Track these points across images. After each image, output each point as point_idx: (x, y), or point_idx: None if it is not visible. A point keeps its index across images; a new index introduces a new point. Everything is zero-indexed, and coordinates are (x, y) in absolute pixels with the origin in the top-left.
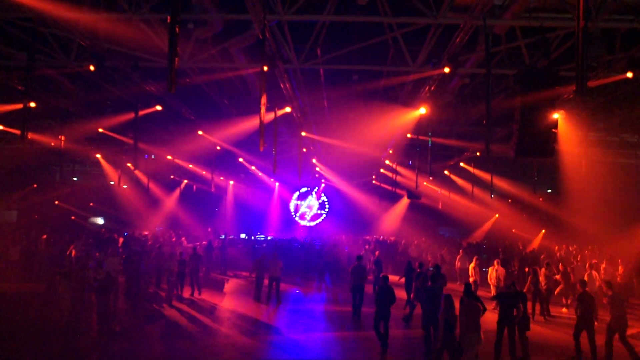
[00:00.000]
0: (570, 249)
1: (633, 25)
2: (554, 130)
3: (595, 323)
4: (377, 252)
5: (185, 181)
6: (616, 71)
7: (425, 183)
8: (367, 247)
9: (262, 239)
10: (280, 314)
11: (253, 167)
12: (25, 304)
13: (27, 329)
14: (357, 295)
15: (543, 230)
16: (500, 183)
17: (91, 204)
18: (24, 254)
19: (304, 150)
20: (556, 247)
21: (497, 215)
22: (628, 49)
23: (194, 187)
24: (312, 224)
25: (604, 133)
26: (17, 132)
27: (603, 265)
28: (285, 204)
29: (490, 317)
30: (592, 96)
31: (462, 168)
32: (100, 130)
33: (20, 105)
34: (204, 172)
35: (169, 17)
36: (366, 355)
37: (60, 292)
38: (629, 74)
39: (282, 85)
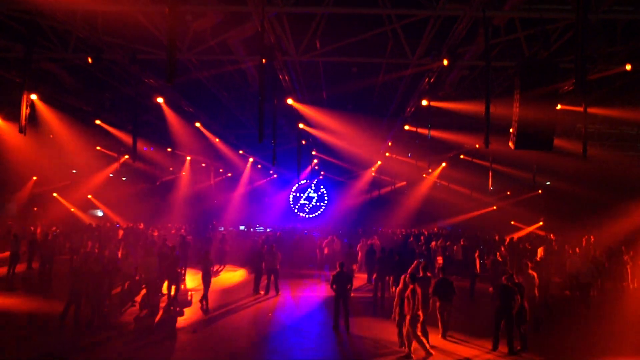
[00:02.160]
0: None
1: (633, 17)
2: (553, 122)
3: None
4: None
5: (184, 173)
6: (616, 63)
7: (424, 175)
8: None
9: (261, 230)
10: (279, 304)
11: (251, 159)
12: None
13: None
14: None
15: (541, 222)
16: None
17: (89, 197)
18: (30, 246)
19: (303, 142)
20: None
21: (494, 207)
22: (628, 40)
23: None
24: (312, 216)
25: (603, 125)
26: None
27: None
28: (284, 196)
29: (489, 309)
30: (592, 88)
31: (461, 160)
32: (98, 122)
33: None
34: (203, 165)
35: (167, 9)
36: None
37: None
38: (628, 67)
39: (281, 78)
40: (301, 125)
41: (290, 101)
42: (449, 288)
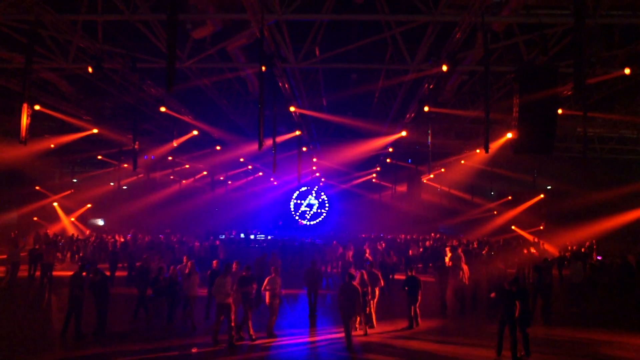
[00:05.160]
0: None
1: (631, 21)
2: (553, 127)
3: None
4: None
5: (184, 181)
6: (614, 67)
7: (425, 180)
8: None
9: (262, 238)
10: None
11: (250, 167)
12: None
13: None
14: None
15: (541, 227)
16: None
17: (89, 205)
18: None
19: (304, 149)
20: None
21: (495, 212)
22: (626, 44)
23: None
24: (313, 222)
25: (603, 129)
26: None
27: None
28: (284, 203)
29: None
30: (591, 92)
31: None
32: (95, 131)
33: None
34: (204, 173)
35: (166, 18)
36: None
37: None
38: (627, 71)
39: (280, 85)
40: (298, 132)
41: (292, 108)
42: (416, 285)
